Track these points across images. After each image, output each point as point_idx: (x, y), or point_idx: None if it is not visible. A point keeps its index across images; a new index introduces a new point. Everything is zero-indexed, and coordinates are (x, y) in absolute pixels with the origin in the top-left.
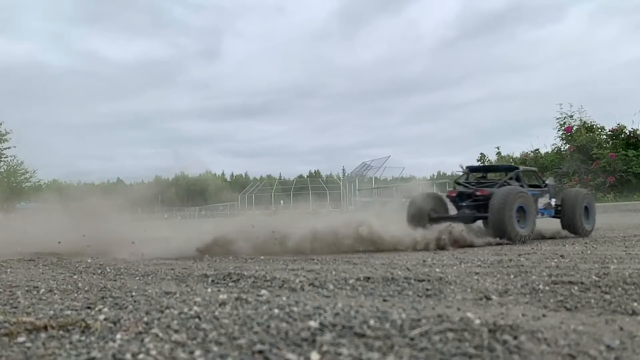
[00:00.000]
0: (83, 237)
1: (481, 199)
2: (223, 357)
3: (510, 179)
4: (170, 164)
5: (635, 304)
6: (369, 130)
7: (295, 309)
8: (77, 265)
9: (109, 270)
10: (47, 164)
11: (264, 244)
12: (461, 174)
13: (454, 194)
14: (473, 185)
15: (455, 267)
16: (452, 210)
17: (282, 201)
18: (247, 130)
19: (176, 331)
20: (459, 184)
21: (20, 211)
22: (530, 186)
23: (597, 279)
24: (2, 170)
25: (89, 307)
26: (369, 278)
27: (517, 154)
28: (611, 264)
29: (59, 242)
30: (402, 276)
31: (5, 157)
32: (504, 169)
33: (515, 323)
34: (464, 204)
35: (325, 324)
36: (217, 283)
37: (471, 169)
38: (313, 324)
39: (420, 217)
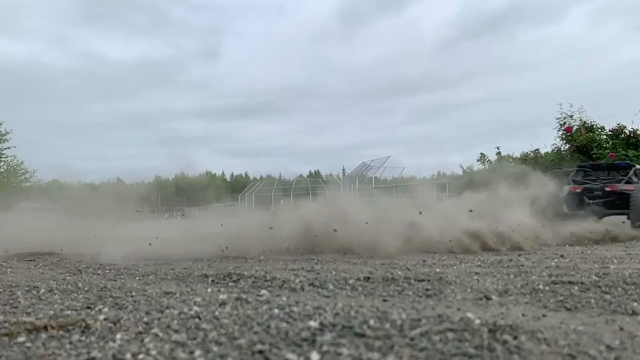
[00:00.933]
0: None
1: (611, 194)
2: (223, 357)
3: (634, 175)
4: (170, 165)
5: (635, 304)
6: (369, 130)
7: (295, 309)
8: (77, 265)
9: (108, 270)
10: (47, 163)
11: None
12: (574, 171)
13: (578, 190)
14: (594, 182)
15: (455, 267)
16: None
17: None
18: (247, 130)
19: (176, 331)
20: (576, 181)
21: (16, 211)
22: None
23: (597, 279)
24: (2, 170)
25: (89, 307)
26: (369, 278)
27: (517, 154)
28: (611, 264)
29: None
30: (402, 276)
31: (5, 157)
32: (617, 167)
33: (515, 323)
34: (592, 201)
35: (325, 324)
36: (217, 283)
37: (581, 167)
38: (313, 324)
39: (544, 213)
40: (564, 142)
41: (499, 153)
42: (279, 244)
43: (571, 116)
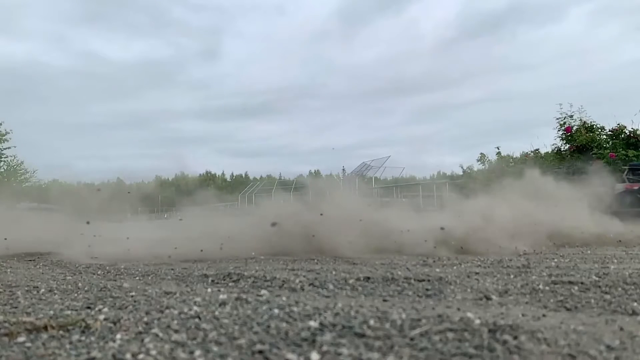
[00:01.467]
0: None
1: None
2: (223, 357)
3: None
4: (170, 164)
5: (635, 304)
6: (369, 130)
7: (295, 309)
8: (77, 265)
9: (108, 270)
10: (47, 163)
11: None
12: (627, 170)
13: (636, 187)
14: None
15: (455, 267)
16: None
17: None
18: (247, 130)
19: (176, 331)
20: (631, 179)
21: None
22: None
23: (597, 279)
24: (2, 170)
25: (89, 307)
26: (369, 278)
27: (517, 154)
28: (611, 264)
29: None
30: (402, 276)
31: (5, 157)
32: None
33: (515, 323)
34: None
35: (325, 324)
36: (217, 283)
37: (633, 165)
38: (313, 324)
39: (613, 211)
40: (564, 142)
41: (499, 153)
42: (241, 245)
43: (571, 116)
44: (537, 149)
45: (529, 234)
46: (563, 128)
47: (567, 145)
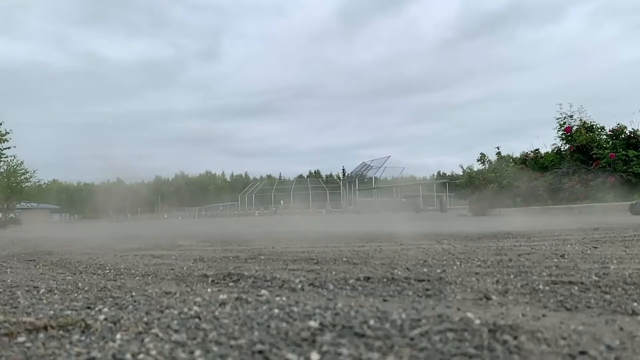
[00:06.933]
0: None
1: None
2: (223, 357)
3: None
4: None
5: (635, 304)
6: (369, 130)
7: (295, 309)
8: (77, 265)
9: (108, 270)
10: (47, 163)
11: None
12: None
13: None
14: None
15: (455, 267)
16: None
17: (282, 201)
18: (247, 130)
19: (176, 331)
20: None
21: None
22: None
23: (597, 279)
24: (2, 170)
25: (89, 307)
26: (369, 278)
27: (517, 154)
28: (611, 264)
29: None
30: (402, 276)
31: (5, 157)
32: None
33: (515, 323)
34: None
35: (325, 324)
36: (217, 283)
37: None
38: (313, 324)
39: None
40: (564, 142)
41: (498, 153)
42: None
43: (571, 116)
44: (537, 149)
45: None
46: (563, 128)
47: (567, 145)
